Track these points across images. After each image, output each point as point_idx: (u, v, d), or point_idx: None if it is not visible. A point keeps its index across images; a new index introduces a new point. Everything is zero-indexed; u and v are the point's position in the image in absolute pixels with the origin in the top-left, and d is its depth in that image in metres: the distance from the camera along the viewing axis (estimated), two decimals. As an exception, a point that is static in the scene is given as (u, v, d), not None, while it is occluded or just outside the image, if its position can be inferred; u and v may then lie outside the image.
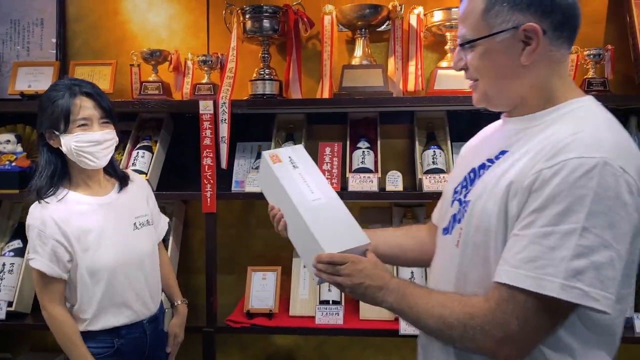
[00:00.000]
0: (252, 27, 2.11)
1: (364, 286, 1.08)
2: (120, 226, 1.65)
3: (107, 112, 1.60)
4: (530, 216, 0.91)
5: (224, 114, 2.03)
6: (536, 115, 1.04)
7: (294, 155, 1.33)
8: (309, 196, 1.23)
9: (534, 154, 0.95)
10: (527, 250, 0.90)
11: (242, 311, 2.16)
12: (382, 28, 2.24)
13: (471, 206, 1.05)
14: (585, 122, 0.96)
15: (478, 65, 1.06)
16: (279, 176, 1.25)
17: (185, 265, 2.40)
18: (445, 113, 2.23)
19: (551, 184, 0.89)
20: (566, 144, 0.91)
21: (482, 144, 1.20)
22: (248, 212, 2.40)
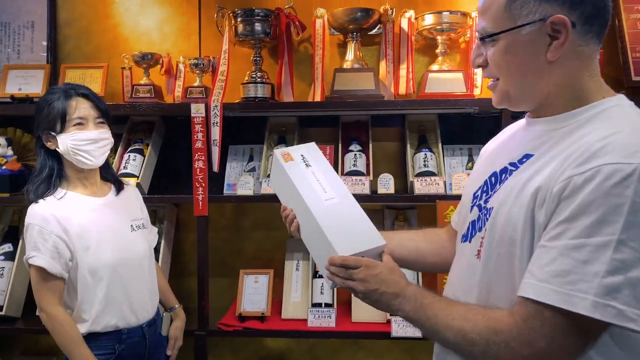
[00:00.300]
0: (244, 30, 2.11)
1: (378, 292, 1.02)
2: (118, 227, 1.66)
3: (103, 112, 1.64)
4: (559, 226, 0.83)
5: (216, 117, 2.03)
6: (564, 116, 0.96)
7: (306, 153, 1.28)
8: (322, 196, 1.18)
9: (562, 158, 0.88)
10: (557, 263, 0.82)
11: (234, 314, 2.15)
12: (373, 31, 2.24)
13: (494, 214, 0.97)
14: (618, 124, 0.88)
15: (500, 62, 0.97)
16: (291, 175, 1.21)
17: (177, 268, 2.40)
18: (436, 116, 2.24)
19: (583, 192, 0.81)
20: (599, 148, 0.83)
21: (504, 145, 1.12)
22: (240, 215, 2.40)
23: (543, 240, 0.86)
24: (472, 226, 1.07)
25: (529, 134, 1.02)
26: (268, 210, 2.38)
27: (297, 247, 2.30)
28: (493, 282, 0.97)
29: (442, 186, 2.04)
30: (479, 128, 2.19)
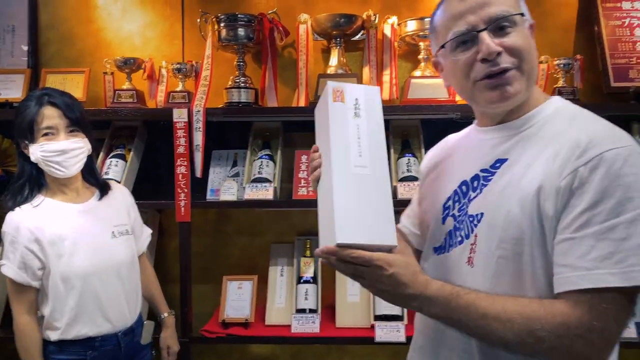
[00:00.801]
0: (227, 35, 2.11)
1: (392, 293, 0.93)
2: (97, 233, 1.63)
3: (75, 121, 1.59)
4: (582, 216, 0.86)
5: (199, 122, 2.02)
6: (521, 121, 1.02)
7: (363, 97, 1.05)
8: (354, 160, 0.98)
9: (551, 155, 0.92)
10: (598, 249, 0.85)
11: (218, 321, 2.14)
12: (357, 37, 2.25)
13: (487, 218, 0.98)
14: (584, 119, 0.97)
15: (523, 44, 0.97)
16: (332, 120, 1.01)
17: (160, 275, 2.35)
18: (419, 121, 2.25)
19: (595, 179, 0.86)
20: (590, 139, 0.89)
21: (464, 155, 1.13)
22: (224, 221, 2.39)
23: (566, 233, 0.88)
24: (449, 236, 1.07)
25: (491, 141, 1.05)
26: (252, 215, 2.37)
27: (282, 252, 2.30)
28: (496, 285, 0.95)
29: (425, 191, 2.05)
30: (462, 133, 2.20)
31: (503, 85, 0.97)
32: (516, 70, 0.97)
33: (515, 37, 0.97)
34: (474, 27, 0.97)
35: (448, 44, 1.02)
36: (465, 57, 0.99)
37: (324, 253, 0.91)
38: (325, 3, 2.29)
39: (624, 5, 2.15)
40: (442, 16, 1.04)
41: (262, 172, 2.09)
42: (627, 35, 2.13)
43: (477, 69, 0.98)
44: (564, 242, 0.88)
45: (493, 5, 0.97)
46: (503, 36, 0.96)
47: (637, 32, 2.13)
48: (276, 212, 2.35)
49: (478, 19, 0.97)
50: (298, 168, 2.16)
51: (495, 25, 0.96)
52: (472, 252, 1.00)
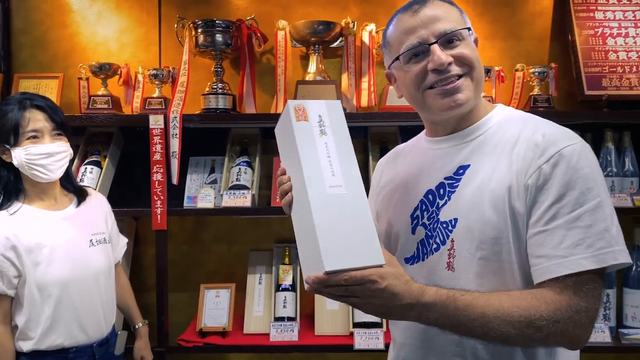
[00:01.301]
0: (205, 41, 2.09)
1: (387, 307, 0.91)
2: (75, 241, 1.61)
3: (60, 124, 1.59)
4: (550, 209, 0.94)
5: (175, 128, 2.00)
6: (473, 129, 1.09)
7: (326, 114, 1.01)
8: (328, 180, 0.94)
9: (512, 158, 1.00)
10: (569, 237, 0.92)
11: (195, 330, 2.11)
12: (335, 44, 2.26)
13: (463, 223, 1.02)
14: (534, 121, 1.05)
15: (472, 54, 1.05)
16: (298, 140, 0.96)
17: (136, 283, 2.32)
18: (397, 128, 2.26)
19: (558, 174, 0.94)
20: (547, 139, 0.98)
21: (422, 166, 1.15)
22: (201, 228, 2.36)
23: (538, 226, 0.95)
24: (421, 245, 1.10)
25: (448, 149, 1.11)
26: (230, 223, 2.34)
27: (260, 260, 2.28)
28: (479, 285, 0.99)
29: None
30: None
31: (454, 93, 1.03)
32: (465, 78, 1.04)
33: (464, 48, 1.04)
34: (425, 41, 1.03)
35: (402, 56, 1.07)
36: (417, 68, 1.05)
37: (314, 283, 0.88)
38: (303, 10, 2.29)
39: (597, 15, 2.20)
40: (394, 31, 1.09)
41: (240, 179, 2.07)
42: (600, 44, 2.17)
43: (428, 79, 1.04)
44: (537, 235, 0.95)
45: (442, 21, 1.04)
46: (452, 49, 1.03)
47: (609, 42, 2.17)
48: (254, 219, 2.33)
49: (429, 33, 1.03)
50: (277, 175, 2.14)
51: (445, 39, 1.03)
52: (450, 257, 1.04)
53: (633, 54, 2.16)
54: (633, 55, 2.15)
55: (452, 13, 1.06)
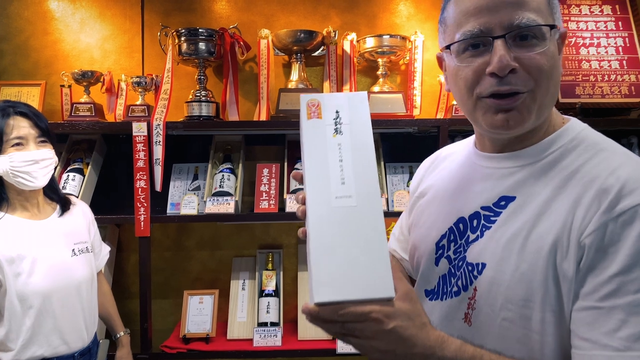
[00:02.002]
0: (188, 49, 2.11)
1: (393, 353, 0.73)
2: (57, 251, 1.60)
3: (45, 131, 1.58)
4: (612, 282, 0.70)
5: (159, 135, 2.01)
6: (535, 149, 0.85)
7: (346, 110, 0.84)
8: (335, 188, 0.79)
9: (571, 201, 0.77)
10: (630, 325, 0.69)
11: (178, 336, 2.11)
12: (317, 53, 2.29)
13: (490, 272, 0.82)
14: (611, 152, 0.80)
15: (546, 64, 0.78)
16: (306, 141, 0.82)
17: (119, 290, 2.33)
18: (379, 135, 2.30)
19: (629, 238, 0.70)
20: (622, 185, 0.73)
21: (462, 183, 0.95)
22: (185, 235, 2.37)
23: (591, 300, 0.72)
24: (443, 281, 0.92)
25: (495, 172, 0.88)
26: (213, 229, 2.36)
27: (243, 266, 2.30)
28: (497, 349, 0.81)
29: (384, 203, 2.09)
30: (419, 147, 2.26)
31: (509, 111, 0.80)
32: (528, 95, 0.79)
33: (539, 54, 0.78)
34: (489, 31, 0.79)
35: (454, 46, 0.83)
36: (474, 65, 0.81)
37: (306, 314, 0.72)
38: (286, 19, 2.32)
39: (570, 26, 2.27)
40: (454, 8, 0.84)
41: (224, 185, 2.09)
42: (574, 54, 2.24)
43: (484, 83, 0.81)
44: (588, 311, 0.72)
45: (521, 7, 0.78)
46: (523, 49, 0.78)
47: (582, 51, 2.24)
48: (238, 225, 2.35)
49: (496, 22, 0.78)
50: (260, 181, 2.17)
51: (517, 34, 0.78)
52: (469, 308, 0.85)
53: (605, 63, 2.23)
54: (605, 65, 2.23)
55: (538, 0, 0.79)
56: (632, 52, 2.25)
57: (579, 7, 2.29)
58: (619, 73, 2.22)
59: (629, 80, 2.21)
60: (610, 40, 2.26)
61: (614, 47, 2.25)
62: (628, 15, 2.29)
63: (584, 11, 2.29)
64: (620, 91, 2.20)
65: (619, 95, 2.19)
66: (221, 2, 2.33)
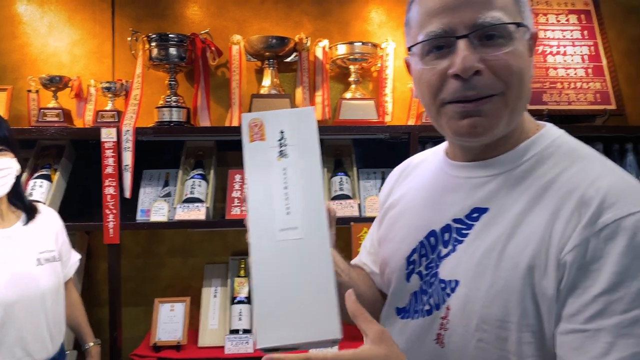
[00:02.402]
0: (159, 54, 2.10)
1: None
2: (21, 261, 1.55)
3: (3, 139, 1.54)
4: (597, 301, 0.66)
5: (128, 141, 1.99)
6: (508, 157, 0.80)
7: (291, 129, 0.77)
8: (279, 219, 0.73)
9: (548, 215, 0.72)
10: (619, 348, 0.64)
11: (149, 345, 2.08)
12: (289, 59, 2.30)
13: (464, 290, 0.77)
14: (591, 161, 0.76)
15: (514, 63, 0.74)
16: (249, 167, 0.76)
17: (89, 298, 2.28)
18: (352, 141, 2.31)
19: (612, 254, 0.66)
20: (603, 197, 0.68)
21: (431, 193, 0.90)
22: (155, 242, 2.34)
23: (576, 322, 0.67)
24: (414, 299, 0.86)
25: (466, 182, 0.84)
26: (184, 236, 2.34)
27: (215, 273, 2.28)
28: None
29: (356, 209, 2.10)
30: (392, 153, 2.28)
31: (474, 115, 0.75)
32: (498, 99, 0.74)
33: (506, 54, 0.73)
34: (453, 31, 0.74)
35: (417, 48, 0.79)
36: (437, 68, 0.77)
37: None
38: (258, 25, 2.32)
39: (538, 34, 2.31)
40: (418, 9, 0.80)
41: (194, 191, 2.08)
42: (541, 62, 2.29)
43: (449, 87, 0.76)
44: (574, 334, 0.67)
45: (485, 5, 0.74)
46: (490, 49, 0.74)
47: (549, 59, 2.29)
48: (210, 232, 2.33)
49: (459, 21, 0.74)
50: (232, 187, 2.16)
51: (481, 33, 0.74)
52: (442, 329, 0.79)
53: (571, 70, 2.28)
54: (571, 72, 2.28)
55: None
56: (597, 61, 2.31)
57: (546, 16, 2.34)
58: (585, 81, 2.27)
59: (594, 87, 2.27)
60: (576, 49, 2.31)
61: (580, 55, 2.31)
62: (593, 24, 2.35)
63: (551, 20, 2.34)
64: (586, 98, 2.26)
65: (585, 103, 2.25)
66: (193, 8, 2.32)
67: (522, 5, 0.78)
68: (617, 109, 2.24)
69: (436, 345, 0.80)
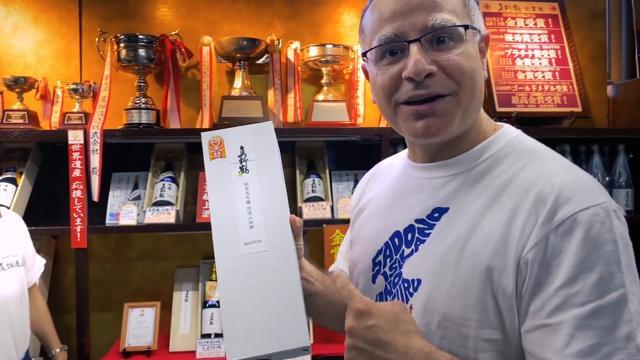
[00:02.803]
0: (127, 56, 2.07)
1: (369, 356, 0.70)
2: None
3: None
4: (557, 295, 0.67)
5: (96, 144, 1.95)
6: (466, 157, 0.82)
7: (251, 144, 0.79)
8: (243, 233, 0.74)
9: (506, 212, 0.74)
10: (579, 339, 0.65)
11: (118, 350, 2.05)
12: (261, 61, 2.28)
13: (426, 289, 0.78)
14: (546, 160, 0.78)
15: (465, 64, 0.76)
16: (211, 184, 0.78)
17: (56, 304, 2.23)
18: (324, 143, 2.31)
19: (570, 248, 0.68)
20: (558, 193, 0.71)
21: (396, 196, 0.92)
22: (125, 246, 2.30)
23: (539, 318, 0.69)
24: (380, 300, 0.88)
25: (427, 182, 0.86)
26: (154, 240, 2.30)
27: (186, 277, 2.25)
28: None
29: (329, 211, 2.10)
30: (364, 155, 2.28)
31: (428, 116, 0.78)
32: (451, 99, 0.77)
33: (457, 55, 0.76)
34: (404, 36, 0.77)
35: (371, 53, 0.82)
36: (391, 71, 0.79)
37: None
38: (229, 26, 2.31)
39: (506, 38, 2.35)
40: (370, 13, 0.83)
41: (164, 194, 2.05)
42: (510, 64, 2.32)
43: (402, 89, 0.78)
44: (539, 330, 0.69)
45: (435, 10, 0.76)
46: (441, 52, 0.76)
47: (517, 62, 2.33)
48: (180, 235, 2.30)
49: (410, 25, 0.76)
50: (202, 190, 2.13)
51: (432, 36, 0.76)
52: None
53: (539, 73, 2.32)
54: (539, 75, 2.32)
55: (453, 0, 0.78)
56: (564, 64, 2.35)
57: (514, 20, 2.38)
58: (552, 84, 2.32)
59: (561, 90, 2.31)
60: (543, 52, 2.36)
61: (547, 58, 2.35)
62: (560, 28, 2.39)
63: (519, 24, 2.38)
64: (554, 101, 2.30)
65: (552, 105, 2.29)
66: (163, 8, 2.29)
67: (472, 9, 0.81)
68: (583, 112, 2.29)
69: None
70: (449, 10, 0.77)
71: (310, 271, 0.92)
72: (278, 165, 0.78)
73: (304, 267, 0.90)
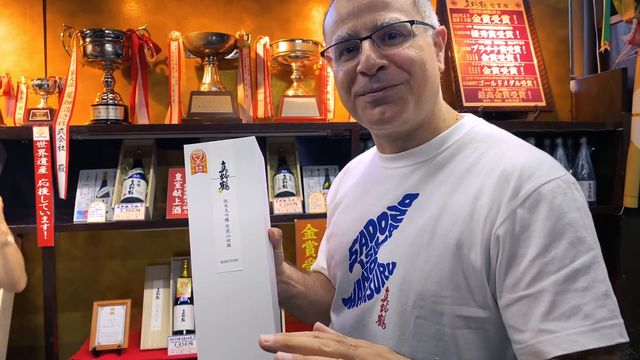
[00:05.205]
0: (93, 51, 2.03)
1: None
2: None
3: None
4: (533, 266, 0.71)
5: (62, 140, 1.92)
6: (430, 145, 0.88)
7: (232, 160, 0.79)
8: (220, 252, 0.75)
9: (472, 193, 0.78)
10: (560, 305, 0.69)
11: (88, 350, 2.02)
12: (230, 56, 2.27)
13: (401, 270, 0.82)
14: (504, 142, 0.84)
15: (414, 55, 0.82)
16: (191, 199, 0.78)
17: (23, 305, 2.19)
18: (295, 138, 2.32)
19: (538, 219, 0.72)
20: (521, 171, 0.76)
21: (367, 188, 0.98)
22: (94, 244, 2.27)
23: (519, 290, 0.72)
24: (357, 287, 0.91)
25: (396, 172, 0.91)
26: (124, 237, 2.27)
27: (157, 274, 2.23)
28: (414, 348, 0.80)
29: (300, 206, 2.11)
30: (335, 150, 2.30)
31: (383, 104, 0.84)
32: (403, 87, 0.83)
33: (407, 48, 0.83)
34: (357, 34, 0.84)
35: (331, 51, 0.90)
36: (348, 67, 0.86)
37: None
38: (198, 21, 2.29)
39: (472, 34, 2.39)
40: (330, 16, 0.90)
41: (133, 191, 2.03)
42: (476, 60, 2.37)
43: (358, 82, 0.85)
44: (519, 302, 0.72)
45: (383, 9, 0.83)
46: (392, 47, 0.83)
47: (484, 58, 2.37)
48: (151, 232, 2.28)
49: (361, 25, 0.83)
50: (172, 186, 2.12)
51: (382, 33, 0.83)
52: (383, 310, 0.84)
53: (504, 69, 2.37)
54: (504, 71, 2.37)
55: (402, 0, 0.85)
56: (528, 59, 2.41)
57: (480, 16, 2.42)
58: (517, 79, 2.37)
59: (525, 85, 2.37)
60: (509, 48, 2.41)
61: (512, 54, 2.40)
62: (524, 25, 2.45)
63: (485, 20, 2.42)
64: (519, 95, 2.35)
65: (517, 99, 2.34)
66: (130, 3, 2.26)
67: (422, 6, 0.88)
68: (547, 106, 2.35)
69: (378, 327, 0.84)
70: (397, 9, 0.84)
71: (290, 274, 0.98)
72: (258, 181, 0.78)
73: (284, 272, 0.95)
